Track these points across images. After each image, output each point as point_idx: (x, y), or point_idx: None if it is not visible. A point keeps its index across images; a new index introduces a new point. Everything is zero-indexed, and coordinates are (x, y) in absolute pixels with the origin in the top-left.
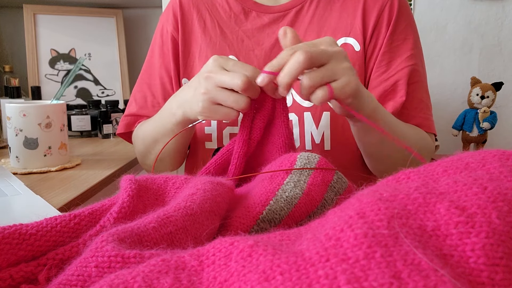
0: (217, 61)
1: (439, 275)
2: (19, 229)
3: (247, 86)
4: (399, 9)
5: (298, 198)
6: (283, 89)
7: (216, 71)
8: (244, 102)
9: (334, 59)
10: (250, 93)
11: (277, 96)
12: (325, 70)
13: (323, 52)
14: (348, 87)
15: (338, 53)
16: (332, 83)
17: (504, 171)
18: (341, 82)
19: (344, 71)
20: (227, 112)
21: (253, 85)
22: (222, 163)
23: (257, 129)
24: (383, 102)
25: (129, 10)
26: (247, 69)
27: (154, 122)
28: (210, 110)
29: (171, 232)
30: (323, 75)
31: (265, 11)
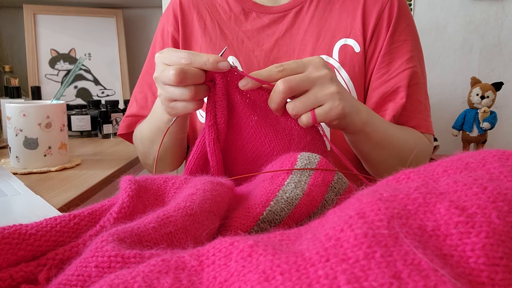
0: (158, 58)
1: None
2: (19, 229)
3: (180, 77)
4: (399, 10)
5: (298, 199)
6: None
7: (159, 69)
8: (189, 92)
9: (318, 84)
10: (191, 81)
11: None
12: (307, 97)
13: (304, 80)
14: (332, 112)
15: (322, 78)
16: (316, 109)
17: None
18: (324, 108)
19: (327, 97)
20: (185, 106)
21: (188, 73)
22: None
23: (220, 110)
24: (383, 104)
25: (129, 10)
26: (182, 57)
27: (149, 123)
28: (171, 108)
29: (171, 232)
30: (305, 103)
31: (265, 11)
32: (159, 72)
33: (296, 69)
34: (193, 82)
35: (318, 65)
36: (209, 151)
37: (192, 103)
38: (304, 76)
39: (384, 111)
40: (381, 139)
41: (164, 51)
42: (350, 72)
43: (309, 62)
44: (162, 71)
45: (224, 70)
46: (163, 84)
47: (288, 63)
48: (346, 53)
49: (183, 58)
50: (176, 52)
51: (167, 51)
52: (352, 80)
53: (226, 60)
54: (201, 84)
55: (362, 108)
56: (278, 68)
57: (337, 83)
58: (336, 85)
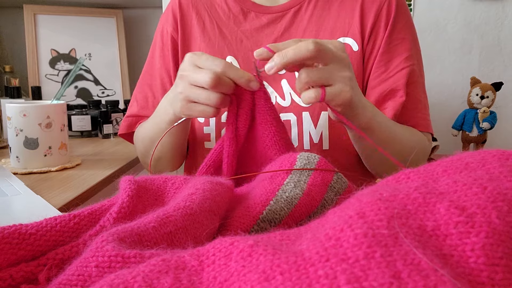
0: (190, 58)
1: (439, 275)
2: (19, 229)
3: (215, 82)
4: (397, 8)
5: (298, 198)
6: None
7: (189, 70)
8: (216, 98)
9: (336, 62)
10: (221, 89)
11: (252, 88)
12: (323, 71)
13: (330, 51)
14: (340, 96)
15: (342, 59)
16: (327, 87)
17: (504, 171)
18: (335, 89)
19: (341, 79)
20: (203, 110)
21: (223, 80)
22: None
23: (241, 125)
24: (382, 102)
25: (129, 10)
26: (218, 65)
27: (151, 122)
28: (188, 109)
29: (171, 231)
30: (320, 76)
31: (263, 11)
32: (190, 71)
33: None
34: (224, 91)
35: (340, 47)
36: (226, 162)
37: (211, 110)
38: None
39: (384, 109)
40: (384, 137)
41: (198, 53)
42: None
43: (330, 41)
44: (195, 71)
45: (254, 90)
46: (190, 84)
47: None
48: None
49: (219, 66)
50: (212, 58)
51: (202, 54)
52: None
53: (257, 81)
54: (227, 95)
55: (368, 105)
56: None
57: (352, 71)
58: (351, 72)
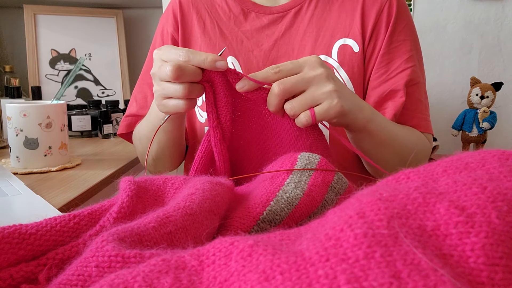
0: (156, 55)
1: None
2: (19, 229)
3: (176, 73)
4: (398, 9)
5: (298, 199)
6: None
7: (157, 66)
8: (182, 89)
9: (314, 84)
10: (187, 78)
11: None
12: (304, 97)
13: (299, 81)
14: (331, 110)
15: (318, 77)
16: (315, 108)
17: (503, 171)
18: (323, 107)
19: (325, 95)
20: (175, 104)
21: (185, 69)
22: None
23: (222, 110)
24: (382, 103)
25: (129, 10)
26: (180, 54)
27: (146, 121)
28: (163, 106)
29: (170, 231)
30: (302, 103)
31: (264, 12)
32: (157, 68)
33: (292, 70)
34: (190, 79)
35: (314, 65)
36: (216, 152)
37: (184, 102)
38: (299, 77)
39: (384, 110)
40: (384, 137)
41: (162, 48)
42: (349, 72)
43: (304, 62)
44: (160, 66)
45: (222, 70)
46: (160, 80)
47: (284, 64)
48: (345, 53)
49: (181, 55)
50: (174, 49)
51: (166, 47)
52: (351, 80)
53: (224, 60)
54: (196, 83)
55: (365, 105)
56: (274, 70)
57: (335, 81)
58: (334, 83)
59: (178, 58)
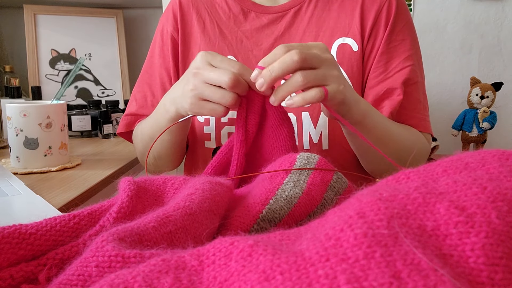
0: (204, 57)
1: (438, 275)
2: (19, 228)
3: (234, 83)
4: (397, 9)
5: (298, 197)
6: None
7: (204, 68)
8: (231, 98)
9: (326, 65)
10: (237, 90)
11: (265, 93)
12: (318, 73)
13: (316, 56)
14: (337, 94)
15: (329, 60)
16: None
17: (503, 171)
18: (332, 88)
19: (333, 79)
20: (214, 108)
21: (240, 82)
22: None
23: (251, 128)
24: (379, 102)
25: (129, 10)
26: (234, 66)
27: (151, 121)
28: (198, 106)
29: (170, 231)
30: (317, 77)
31: (264, 11)
32: (204, 70)
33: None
34: (239, 92)
35: (324, 49)
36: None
37: (222, 109)
38: (315, 53)
39: (381, 108)
40: (380, 134)
41: (212, 53)
42: (348, 71)
43: (313, 45)
44: (211, 70)
45: (266, 94)
46: (205, 81)
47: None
48: (344, 52)
49: (235, 67)
50: (227, 58)
51: (217, 54)
52: (350, 79)
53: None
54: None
55: (362, 100)
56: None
57: (339, 69)
58: (339, 71)
59: (232, 69)
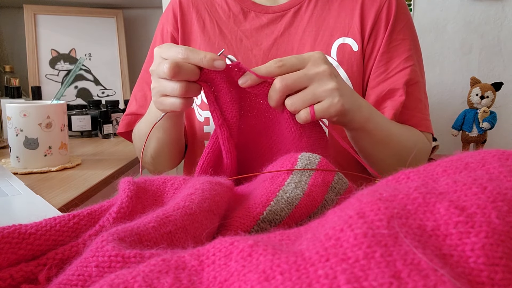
0: (156, 52)
1: (438, 275)
2: (19, 228)
3: (174, 71)
4: (397, 9)
5: (299, 199)
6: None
7: (156, 63)
8: (179, 87)
9: (316, 81)
10: (184, 77)
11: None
12: (305, 94)
13: (301, 77)
14: (331, 109)
15: (321, 74)
16: (315, 105)
17: (503, 171)
18: (323, 104)
19: (326, 93)
20: (172, 102)
21: (183, 68)
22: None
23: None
24: (381, 102)
25: (129, 10)
26: (179, 52)
27: (145, 119)
28: (160, 103)
29: (170, 231)
30: (303, 99)
31: (263, 11)
32: (156, 65)
33: (295, 65)
34: (187, 78)
35: (318, 61)
36: (224, 150)
37: (180, 101)
38: (301, 73)
39: (383, 109)
40: (382, 136)
41: (163, 46)
42: (348, 71)
43: (309, 57)
44: (158, 64)
45: (219, 69)
46: (158, 77)
47: (287, 58)
48: (344, 52)
49: (180, 53)
50: (174, 46)
51: (166, 45)
52: (350, 79)
53: (222, 59)
54: (193, 83)
55: (364, 104)
56: (277, 64)
57: (338, 78)
58: (336, 81)
59: (177, 56)
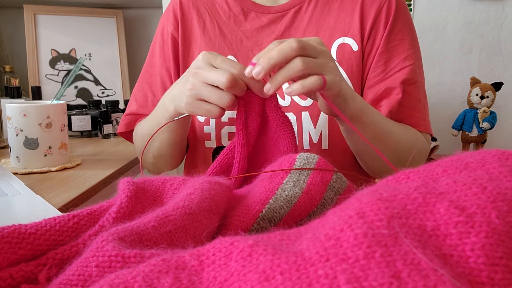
0: (205, 57)
1: (438, 275)
2: (18, 228)
3: (231, 83)
4: (397, 8)
5: (297, 197)
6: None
7: (203, 68)
8: (228, 99)
9: (323, 56)
10: (235, 91)
11: (264, 95)
12: (316, 61)
13: (313, 47)
14: (334, 85)
15: (326, 52)
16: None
17: (503, 171)
18: (330, 78)
19: (331, 70)
20: (210, 109)
21: (238, 83)
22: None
23: (251, 131)
24: (378, 101)
25: (129, 10)
26: (234, 66)
27: (150, 119)
28: (194, 106)
29: (170, 231)
30: (316, 65)
31: (264, 11)
32: (204, 70)
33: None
34: (237, 93)
35: (319, 42)
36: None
37: (218, 110)
38: (312, 44)
39: (379, 107)
40: (378, 132)
41: (213, 53)
42: (348, 70)
43: (308, 39)
44: (210, 70)
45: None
46: (203, 81)
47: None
48: (344, 52)
49: (235, 68)
50: (228, 60)
51: (218, 55)
52: (349, 79)
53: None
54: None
55: (357, 97)
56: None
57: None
58: (335, 64)
59: (231, 70)
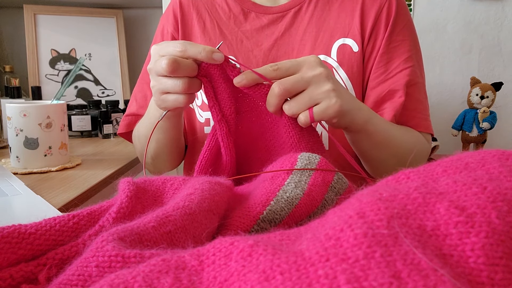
0: (154, 50)
1: (438, 275)
2: (18, 228)
3: (172, 67)
4: (397, 9)
5: (299, 198)
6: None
7: (154, 61)
8: (181, 83)
9: (313, 84)
10: (183, 72)
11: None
12: (302, 97)
13: (298, 80)
14: (329, 110)
15: (317, 77)
16: (314, 107)
17: (503, 171)
18: (321, 106)
19: (323, 95)
20: (175, 99)
21: (181, 63)
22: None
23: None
24: (381, 103)
25: (129, 10)
26: (177, 46)
27: (145, 120)
28: (162, 101)
29: (170, 231)
30: (300, 103)
31: (264, 12)
32: (153, 63)
33: (290, 68)
34: (186, 73)
35: (313, 64)
36: (223, 146)
37: (183, 97)
38: (298, 76)
39: (383, 110)
40: (381, 138)
41: (161, 43)
42: (348, 71)
43: (303, 61)
44: (156, 61)
45: (219, 62)
46: (157, 75)
47: (283, 63)
48: (344, 53)
49: (178, 47)
50: (171, 43)
51: (164, 43)
52: (350, 80)
53: (221, 52)
54: (194, 78)
55: (363, 106)
56: (272, 67)
57: (334, 80)
58: (332, 83)
59: (175, 50)
